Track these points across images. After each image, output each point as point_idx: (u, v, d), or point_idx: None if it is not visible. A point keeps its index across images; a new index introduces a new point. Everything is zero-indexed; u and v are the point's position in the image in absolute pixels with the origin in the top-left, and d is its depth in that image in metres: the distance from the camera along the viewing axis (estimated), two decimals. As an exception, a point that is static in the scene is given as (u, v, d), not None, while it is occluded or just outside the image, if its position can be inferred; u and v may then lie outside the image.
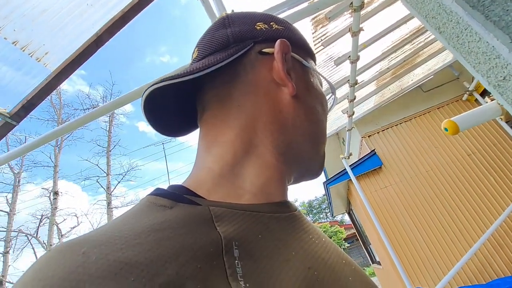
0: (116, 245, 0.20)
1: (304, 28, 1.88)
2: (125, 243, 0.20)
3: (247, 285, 0.22)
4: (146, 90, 0.31)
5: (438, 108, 4.21)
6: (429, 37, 2.60)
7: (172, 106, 0.38)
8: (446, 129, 0.84)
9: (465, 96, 4.02)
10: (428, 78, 3.43)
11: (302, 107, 0.35)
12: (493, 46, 0.51)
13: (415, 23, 2.32)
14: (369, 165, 4.12)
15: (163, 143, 13.56)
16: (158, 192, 0.28)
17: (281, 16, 1.39)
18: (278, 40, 0.34)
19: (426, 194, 3.66)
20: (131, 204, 10.02)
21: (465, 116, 0.82)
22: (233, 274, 0.22)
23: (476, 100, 3.93)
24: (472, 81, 3.80)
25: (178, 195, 0.28)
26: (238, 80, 0.35)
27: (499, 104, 0.75)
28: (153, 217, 0.24)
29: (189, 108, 0.40)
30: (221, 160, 0.32)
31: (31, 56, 1.00)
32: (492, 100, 0.79)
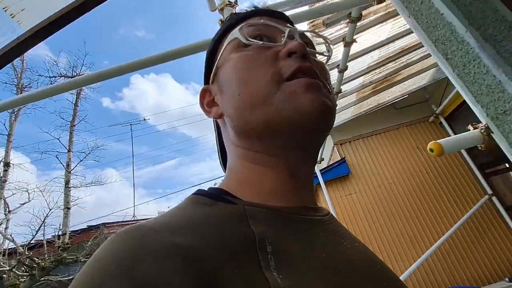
0: (167, 231, 0.24)
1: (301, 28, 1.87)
2: (174, 231, 0.24)
3: (280, 276, 0.23)
4: None
5: (406, 126, 4.49)
6: (410, 58, 2.75)
7: None
8: (431, 150, 0.88)
9: (431, 118, 4.34)
10: (403, 97, 3.64)
11: (226, 110, 0.38)
12: (499, 80, 0.54)
13: (401, 43, 2.43)
14: (338, 171, 4.28)
15: (131, 124, 12.90)
16: (200, 192, 0.33)
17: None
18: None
19: (386, 204, 3.91)
20: (91, 185, 9.33)
21: (450, 140, 0.87)
22: (267, 266, 0.24)
23: (441, 123, 4.26)
24: (440, 105, 4.11)
25: (217, 195, 0.32)
26: None
27: (481, 133, 0.79)
28: (196, 212, 0.29)
29: None
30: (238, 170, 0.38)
31: (5, 10, 0.86)
32: (475, 129, 0.84)
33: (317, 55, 0.42)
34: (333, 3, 1.46)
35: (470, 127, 0.91)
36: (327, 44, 0.45)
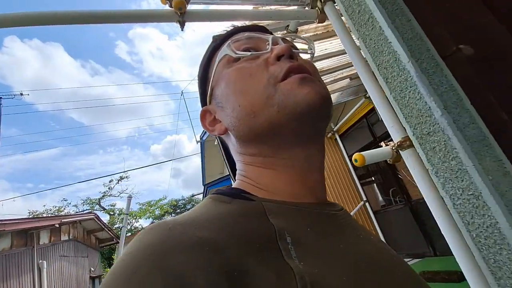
0: (192, 225, 0.25)
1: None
2: (199, 225, 0.25)
3: (302, 263, 0.25)
4: None
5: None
6: (324, 80, 3.14)
7: None
8: (356, 160, 1.00)
9: (329, 134, 5.09)
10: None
11: (229, 124, 0.39)
12: (429, 107, 0.65)
13: (318, 65, 2.74)
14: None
15: (1, 97, 9.97)
16: (219, 192, 0.34)
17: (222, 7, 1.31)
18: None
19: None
20: None
21: (370, 152, 1.02)
22: (288, 254, 0.25)
23: (336, 139, 5.05)
24: (337, 124, 4.86)
25: (236, 194, 0.33)
26: None
27: (392, 149, 0.96)
28: (217, 209, 0.30)
29: None
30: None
31: None
32: (386, 145, 1.02)
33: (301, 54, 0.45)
34: (279, 11, 1.51)
35: (383, 144, 1.08)
36: (309, 44, 0.49)
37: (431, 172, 0.67)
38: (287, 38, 0.46)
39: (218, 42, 0.45)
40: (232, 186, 0.38)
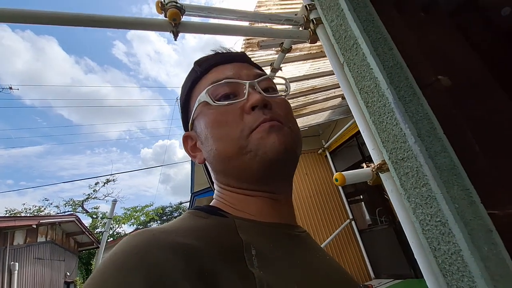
0: (173, 233, 0.29)
1: (237, 43, 1.90)
2: (179, 234, 0.29)
3: (262, 272, 0.29)
4: None
5: (301, 154, 5.14)
6: (317, 97, 3.21)
7: None
8: (336, 180, 1.02)
9: (320, 151, 5.14)
10: (304, 129, 4.17)
11: (207, 157, 0.43)
12: (404, 133, 0.68)
13: (313, 82, 2.81)
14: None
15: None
16: (197, 208, 0.38)
17: (234, 23, 1.35)
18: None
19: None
20: None
21: (351, 173, 1.03)
22: (251, 263, 0.30)
23: (326, 156, 5.10)
24: (328, 141, 4.93)
25: (212, 211, 0.38)
26: None
27: (372, 171, 0.98)
28: (195, 222, 0.34)
29: None
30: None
31: None
32: (367, 167, 1.04)
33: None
34: (272, 29, 1.55)
35: (364, 165, 1.10)
36: (285, 84, 0.52)
37: (404, 197, 0.69)
38: (267, 74, 0.49)
39: (199, 74, 0.47)
40: (210, 205, 0.43)
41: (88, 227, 11.74)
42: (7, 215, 15.09)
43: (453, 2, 0.94)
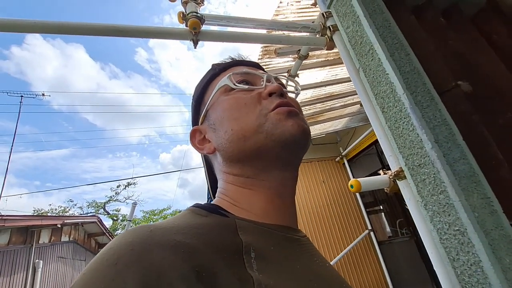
0: (171, 231, 0.28)
1: (255, 50, 1.94)
2: (177, 231, 0.29)
3: (261, 275, 0.28)
4: None
5: (318, 161, 5.08)
6: (334, 104, 3.18)
7: None
8: (352, 186, 1.00)
9: (338, 159, 5.05)
10: (321, 135, 4.13)
11: (219, 144, 0.43)
12: (421, 139, 0.66)
13: (330, 89, 2.79)
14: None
15: (22, 96, 10.44)
16: (197, 206, 0.38)
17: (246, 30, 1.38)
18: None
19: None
20: None
21: (367, 179, 1.01)
22: (250, 266, 0.29)
23: (344, 164, 5.00)
24: (346, 149, 4.83)
25: (213, 209, 0.37)
26: None
27: (389, 178, 0.95)
28: (195, 220, 0.33)
29: None
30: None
31: None
32: (384, 174, 1.02)
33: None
34: (289, 36, 1.57)
35: (381, 172, 1.08)
36: (296, 86, 0.58)
37: (421, 204, 0.67)
38: (280, 77, 0.54)
39: (217, 71, 0.50)
40: (211, 203, 0.42)
41: (108, 229, 12.12)
42: (34, 214, 15.92)
43: (474, 7, 0.92)
